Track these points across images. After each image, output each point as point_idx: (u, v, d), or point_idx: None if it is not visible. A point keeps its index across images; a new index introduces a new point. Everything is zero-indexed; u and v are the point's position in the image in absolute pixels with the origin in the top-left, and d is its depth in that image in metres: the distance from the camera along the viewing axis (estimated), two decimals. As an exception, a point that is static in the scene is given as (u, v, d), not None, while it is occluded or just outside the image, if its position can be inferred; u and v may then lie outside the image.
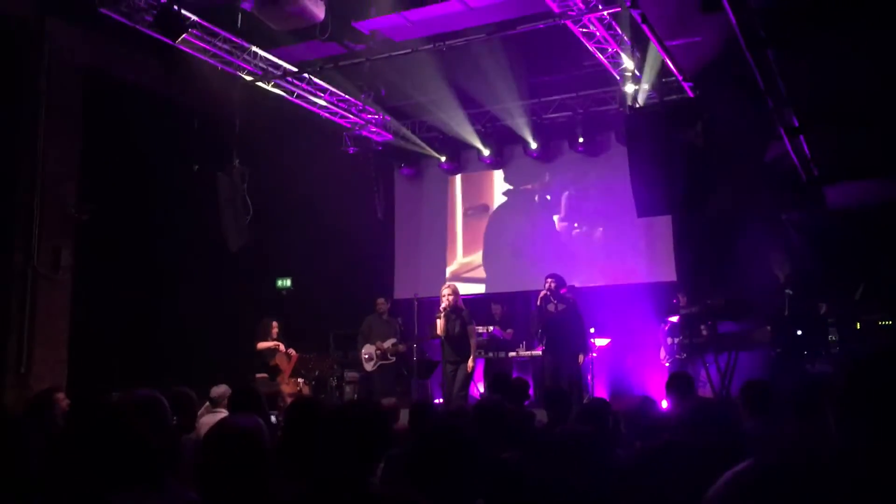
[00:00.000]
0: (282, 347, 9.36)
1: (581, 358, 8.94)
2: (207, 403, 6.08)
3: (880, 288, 7.99)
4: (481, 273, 12.48)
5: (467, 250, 12.70)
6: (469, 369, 8.84)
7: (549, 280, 9.01)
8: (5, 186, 8.44)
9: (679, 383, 5.54)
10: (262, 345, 9.24)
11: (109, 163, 8.95)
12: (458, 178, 12.87)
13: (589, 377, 9.43)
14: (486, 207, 12.71)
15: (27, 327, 8.30)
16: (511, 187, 12.55)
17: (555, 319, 8.90)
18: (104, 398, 4.91)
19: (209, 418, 4.92)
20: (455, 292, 9.02)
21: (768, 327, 8.59)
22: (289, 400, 8.57)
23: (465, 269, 12.60)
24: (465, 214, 12.82)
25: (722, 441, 2.82)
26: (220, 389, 6.34)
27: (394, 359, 10.13)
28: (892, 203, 8.19)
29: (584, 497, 2.41)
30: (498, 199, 12.65)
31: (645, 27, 5.40)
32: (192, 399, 4.60)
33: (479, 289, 12.36)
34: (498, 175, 12.61)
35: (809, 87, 5.54)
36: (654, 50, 8.61)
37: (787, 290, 8.97)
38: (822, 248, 8.77)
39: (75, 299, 8.74)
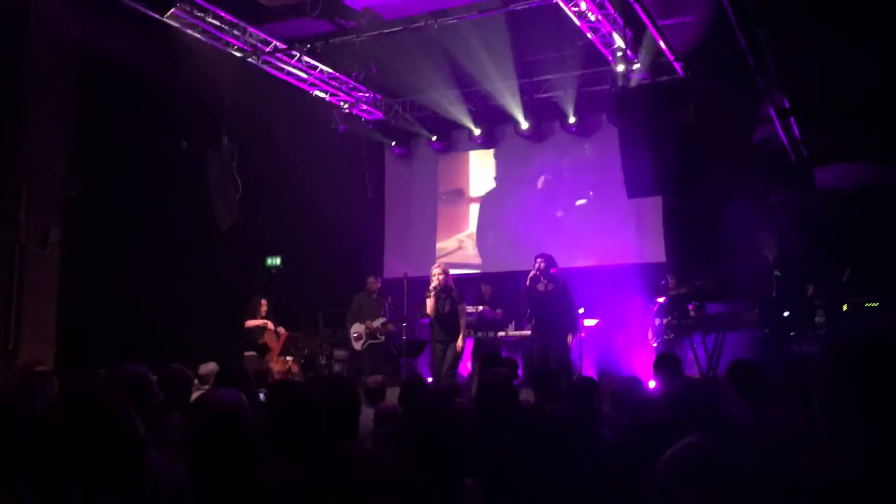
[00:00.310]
0: (270, 325, 9.36)
1: (570, 338, 8.97)
2: (196, 381, 6.07)
3: (867, 270, 8.04)
4: (472, 253, 12.49)
5: (457, 230, 12.69)
6: (458, 348, 8.87)
7: (539, 260, 9.01)
8: (-8, 163, 8.37)
9: (666, 364, 5.58)
10: (250, 323, 9.25)
11: (98, 140, 8.88)
12: (447, 157, 12.83)
13: (577, 357, 9.47)
14: (477, 187, 12.68)
15: (14, 304, 8.25)
16: (502, 167, 12.53)
17: (544, 299, 8.91)
18: (90, 376, 4.92)
19: (197, 395, 4.92)
20: (445, 272, 9.03)
21: (756, 308, 8.64)
22: (278, 378, 8.59)
23: (455, 249, 12.60)
24: (454, 194, 12.80)
25: (708, 420, 2.84)
26: (209, 367, 6.36)
27: (383, 338, 10.15)
28: (881, 185, 8.23)
29: (571, 476, 2.43)
30: (488, 179, 12.62)
31: (637, 6, 5.37)
32: (188, 376, 4.61)
33: (469, 269, 12.37)
34: (489, 154, 12.58)
35: (800, 68, 5.54)
36: (646, 29, 8.58)
37: (775, 272, 9.02)
38: (810, 229, 8.81)
39: (63, 276, 8.69)
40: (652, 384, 6.52)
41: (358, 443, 2.77)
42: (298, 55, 10.24)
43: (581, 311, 9.67)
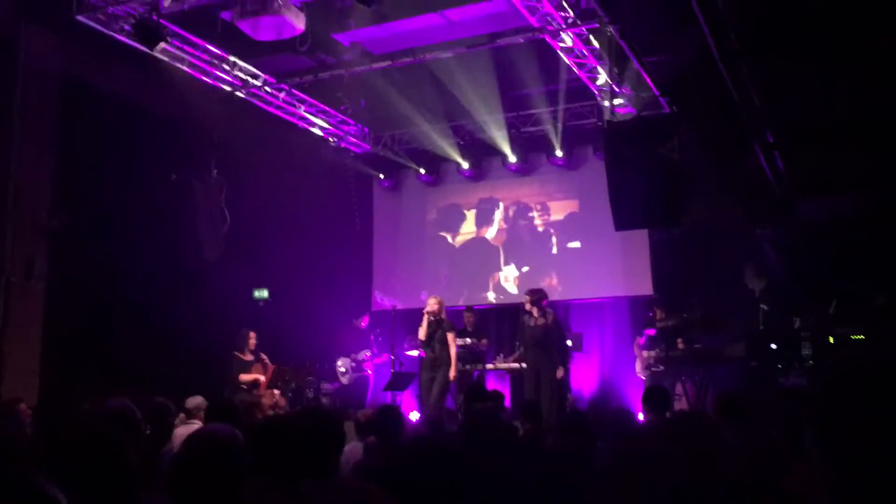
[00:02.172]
0: (262, 380, 9.23)
1: (561, 371, 8.99)
2: (182, 415, 6.02)
3: (853, 302, 8.10)
4: (458, 285, 12.47)
5: (445, 262, 12.69)
6: (451, 378, 8.87)
7: (528, 295, 9.08)
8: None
9: (655, 397, 5.57)
10: (244, 377, 9.14)
11: (85, 171, 8.85)
12: (435, 190, 12.88)
13: (567, 390, 9.47)
14: (464, 219, 12.72)
15: (-1, 337, 8.18)
16: (489, 200, 12.58)
17: (535, 333, 8.95)
18: (76, 410, 4.87)
19: (184, 429, 4.87)
20: (440, 303, 9.13)
21: (743, 341, 8.67)
22: (268, 412, 8.50)
23: (441, 282, 12.59)
24: (442, 226, 12.82)
25: (701, 451, 2.84)
26: (196, 401, 6.29)
27: (368, 372, 10.14)
28: (865, 216, 8.32)
29: None
30: (476, 212, 12.66)
31: (623, 43, 5.45)
32: (169, 409, 4.57)
33: (455, 302, 12.34)
34: (476, 187, 12.63)
35: (783, 102, 5.62)
36: (631, 65, 8.69)
37: (762, 305, 9.07)
38: (795, 262, 8.88)
39: (48, 309, 8.62)
40: (641, 417, 6.52)
41: (340, 478, 2.74)
42: (287, 89, 10.30)
43: (568, 343, 9.69)
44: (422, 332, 9.02)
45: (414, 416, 9.84)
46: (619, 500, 2.36)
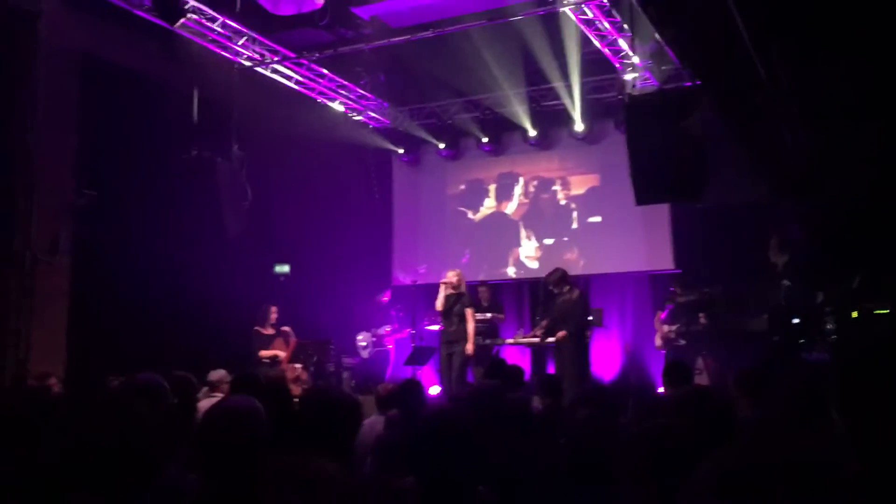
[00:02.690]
0: (281, 355, 9.29)
1: (583, 343, 9.03)
2: (205, 388, 6.10)
3: (878, 276, 8.01)
4: (475, 259, 12.47)
5: (466, 237, 12.68)
6: (469, 352, 8.89)
7: (554, 271, 9.11)
8: (2, 171, 8.41)
9: (675, 372, 5.57)
10: (263, 353, 9.22)
11: (107, 148, 8.90)
12: (455, 164, 12.85)
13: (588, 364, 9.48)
14: (484, 194, 12.69)
15: (25, 312, 8.29)
16: (510, 174, 12.54)
17: (563, 308, 8.96)
18: (104, 384, 4.95)
19: (206, 402, 4.93)
20: (460, 275, 9.14)
21: (765, 316, 8.62)
22: (290, 386, 8.60)
23: (462, 257, 12.59)
24: (462, 201, 12.80)
25: (715, 426, 2.84)
26: (219, 374, 6.37)
27: (389, 345, 10.20)
28: (890, 192, 8.21)
29: (598, 478, 2.42)
30: (495, 186, 12.63)
31: (645, 13, 5.39)
32: (193, 383, 4.62)
33: (475, 276, 12.35)
34: (497, 162, 12.59)
35: (811, 76, 5.53)
36: (653, 37, 8.58)
37: (784, 280, 8.99)
38: (819, 236, 8.78)
39: (74, 284, 8.72)
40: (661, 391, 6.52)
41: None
42: (307, 64, 10.28)
43: (590, 318, 9.67)
44: (439, 303, 9.05)
45: (434, 390, 9.90)
46: (640, 475, 2.37)
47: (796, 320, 8.14)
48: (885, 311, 7.54)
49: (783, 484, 1.13)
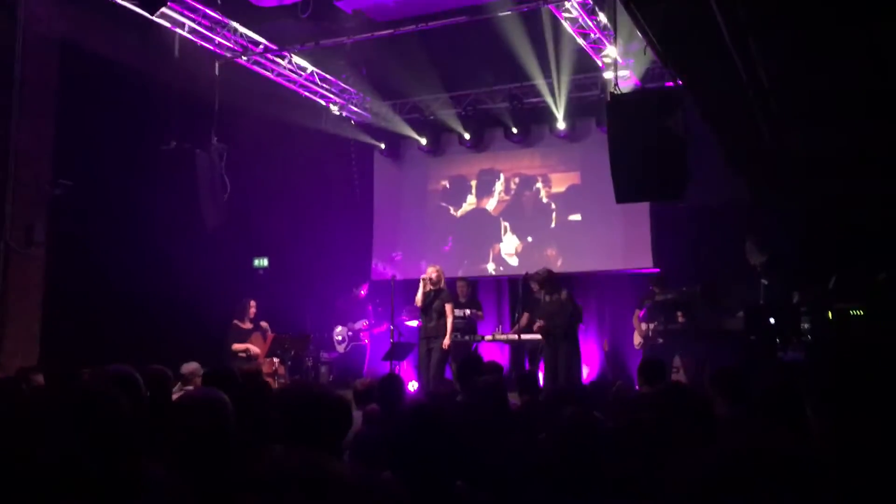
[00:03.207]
0: (254, 350, 9.19)
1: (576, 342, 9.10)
2: (179, 382, 6.05)
3: (853, 277, 8.09)
4: (455, 256, 12.47)
5: (446, 233, 12.67)
6: (445, 347, 8.89)
7: (539, 272, 9.16)
8: (-23, 161, 8.29)
9: (650, 369, 5.60)
10: (236, 346, 9.13)
11: (85, 138, 8.80)
12: (436, 160, 12.83)
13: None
14: (465, 190, 12.68)
15: (-1, 303, 8.19)
16: (490, 171, 12.54)
17: (551, 308, 8.99)
18: (77, 374, 4.88)
19: (178, 396, 4.89)
20: (439, 271, 9.16)
21: (742, 315, 8.68)
22: (266, 380, 8.54)
23: (442, 252, 12.59)
24: (442, 197, 12.79)
25: (692, 422, 2.86)
26: (191, 367, 6.32)
27: (364, 341, 10.20)
28: (868, 193, 8.29)
29: (583, 473, 2.42)
30: (476, 183, 12.62)
31: (626, 11, 5.39)
32: (168, 377, 4.57)
33: (455, 272, 12.35)
34: (478, 158, 12.58)
35: (790, 75, 5.57)
36: (636, 36, 8.61)
37: (762, 280, 9.07)
38: (797, 237, 8.86)
39: (48, 276, 8.62)
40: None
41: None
42: (288, 56, 10.22)
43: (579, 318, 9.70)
44: (418, 298, 9.06)
45: (413, 385, 9.89)
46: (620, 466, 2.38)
47: (773, 320, 8.21)
48: (859, 312, 7.62)
49: (763, 478, 1.13)
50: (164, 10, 8.15)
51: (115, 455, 2.05)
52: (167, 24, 8.75)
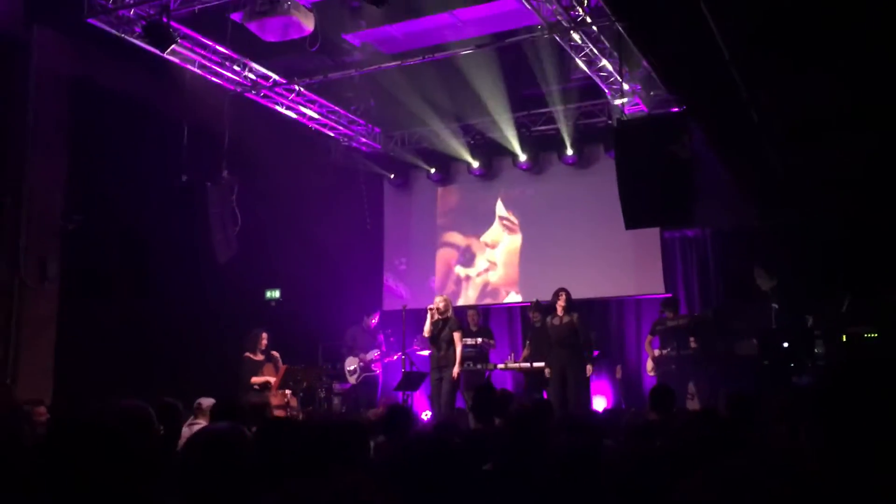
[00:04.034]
0: (273, 382, 9.15)
1: (590, 369, 9.04)
2: (192, 416, 6.05)
3: (866, 300, 8.04)
4: (468, 285, 12.48)
5: (455, 262, 12.68)
6: (454, 376, 8.85)
7: (562, 293, 9.13)
8: (-8, 197, 8.40)
9: (660, 396, 5.57)
10: (255, 380, 9.09)
11: (97, 173, 8.91)
12: (445, 189, 12.89)
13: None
14: (474, 218, 12.70)
15: (13, 338, 8.24)
16: (499, 199, 12.57)
17: (561, 332, 8.97)
18: (86, 410, 4.89)
19: (187, 430, 4.90)
20: (447, 301, 9.13)
21: (755, 340, 8.63)
22: (278, 412, 8.53)
23: (452, 281, 12.60)
24: (452, 226, 12.82)
25: (705, 448, 2.84)
26: (209, 402, 6.33)
27: (376, 371, 10.18)
28: (878, 213, 8.26)
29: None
30: (486, 211, 12.65)
31: (631, 40, 5.44)
32: (178, 410, 4.58)
33: (466, 302, 12.33)
34: (487, 187, 12.62)
35: (792, 97, 5.59)
36: (641, 63, 8.67)
37: (773, 305, 9.02)
38: (807, 260, 8.82)
39: (62, 310, 8.67)
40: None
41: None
42: (298, 89, 10.33)
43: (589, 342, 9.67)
44: (426, 329, 9.03)
45: (426, 415, 9.85)
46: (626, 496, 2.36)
47: (786, 344, 8.15)
48: (873, 335, 7.56)
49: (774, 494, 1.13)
50: (174, 46, 8.26)
51: (126, 490, 2.05)
52: (177, 61, 8.87)
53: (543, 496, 2.46)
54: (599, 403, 10.34)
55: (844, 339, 7.71)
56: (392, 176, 12.83)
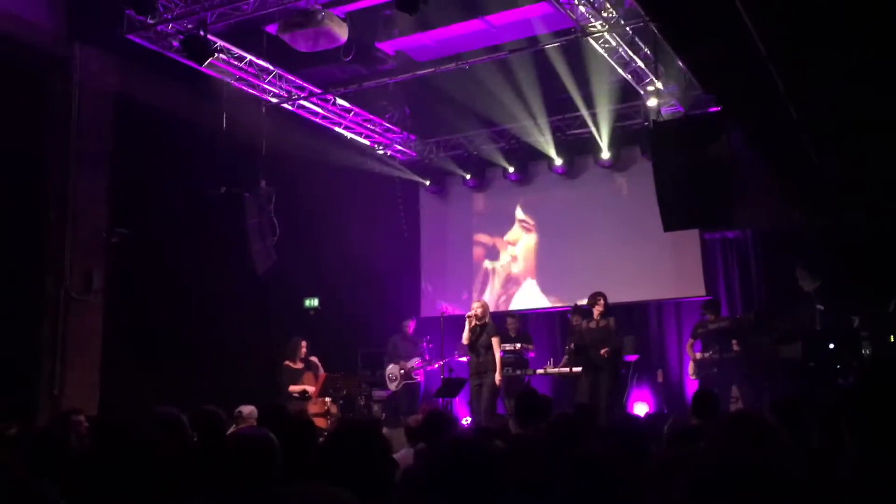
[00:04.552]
0: (309, 390, 9.19)
1: (622, 371, 8.97)
2: (234, 424, 6.11)
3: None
4: (503, 290, 12.44)
5: (493, 268, 12.66)
6: (497, 383, 8.80)
7: (599, 297, 9.05)
8: (37, 211, 8.59)
9: (703, 402, 5.49)
10: (294, 388, 9.13)
11: (139, 187, 9.07)
12: (482, 195, 12.88)
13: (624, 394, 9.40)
14: (511, 223, 12.67)
15: (60, 350, 8.40)
16: (537, 204, 12.52)
17: (596, 336, 8.89)
18: (122, 418, 4.98)
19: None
20: (484, 306, 9.10)
21: (800, 342, 8.47)
22: (318, 420, 8.57)
23: (490, 287, 12.57)
24: (490, 232, 12.80)
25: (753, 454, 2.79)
26: (248, 409, 6.39)
27: (417, 378, 10.18)
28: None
29: None
30: (523, 216, 12.61)
31: (665, 40, 5.39)
32: (220, 418, 4.62)
33: (503, 306, 12.29)
34: (523, 191, 12.58)
35: (831, 96, 5.48)
36: (676, 63, 8.59)
37: (818, 306, 8.85)
38: (852, 259, 8.64)
39: (107, 322, 8.83)
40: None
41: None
42: (333, 99, 10.42)
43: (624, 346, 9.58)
44: (465, 337, 9.00)
45: (466, 421, 9.83)
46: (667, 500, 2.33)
47: (832, 346, 7.98)
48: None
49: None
50: (211, 60, 8.39)
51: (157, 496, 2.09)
52: (215, 74, 9.00)
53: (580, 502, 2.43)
54: (641, 409, 10.21)
55: (893, 340, 7.54)
56: (428, 183, 12.85)
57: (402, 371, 10.22)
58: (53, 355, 8.36)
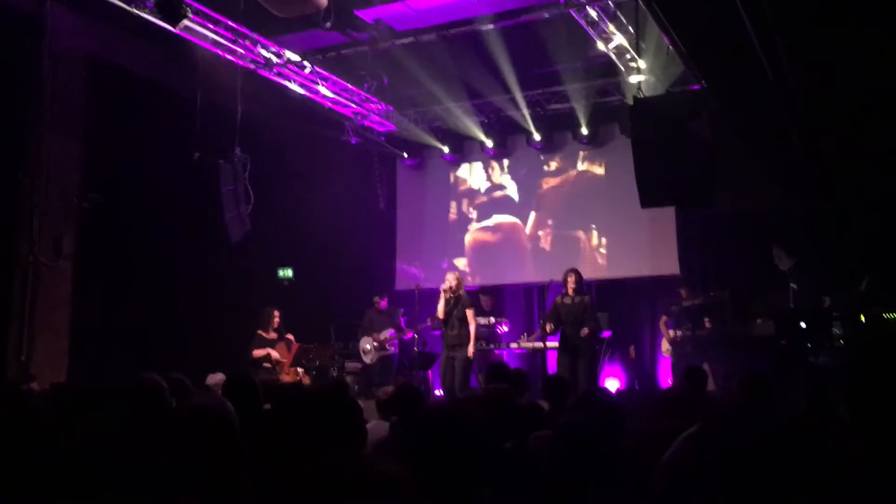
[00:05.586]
0: (273, 354, 9.16)
1: (597, 349, 8.98)
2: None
3: (886, 280, 7.93)
4: (480, 265, 12.43)
5: (468, 242, 12.64)
6: (470, 355, 8.76)
7: (572, 274, 8.99)
8: (7, 175, 8.39)
9: (692, 378, 5.57)
10: (257, 352, 9.10)
11: (111, 151, 8.89)
12: (459, 168, 12.82)
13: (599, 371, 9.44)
14: (488, 197, 12.64)
15: (28, 316, 8.26)
16: (514, 178, 12.49)
17: (573, 311, 8.87)
18: (100, 383, 4.91)
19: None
20: (459, 279, 9.02)
21: (772, 320, 8.54)
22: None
23: (467, 260, 12.56)
24: (464, 205, 12.77)
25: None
26: (217, 377, 6.34)
27: (391, 349, 10.16)
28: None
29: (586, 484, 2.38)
30: (500, 190, 12.58)
31: (650, 13, 5.33)
32: (187, 385, 4.56)
33: (479, 280, 12.30)
34: (501, 166, 12.54)
35: (819, 76, 5.47)
36: (659, 39, 8.54)
37: (791, 285, 8.92)
38: (826, 239, 8.71)
39: (76, 288, 8.70)
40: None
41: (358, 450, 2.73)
42: (310, 67, 10.26)
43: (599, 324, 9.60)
44: (440, 310, 8.93)
45: (439, 393, 9.85)
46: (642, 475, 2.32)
47: (804, 325, 8.05)
48: (893, 316, 7.46)
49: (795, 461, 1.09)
50: (186, 22, 8.21)
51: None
52: (190, 37, 8.81)
53: (558, 473, 2.42)
54: (612, 384, 10.29)
55: (863, 320, 7.61)
56: (405, 155, 12.76)
57: (376, 343, 10.18)
58: (22, 321, 8.22)
